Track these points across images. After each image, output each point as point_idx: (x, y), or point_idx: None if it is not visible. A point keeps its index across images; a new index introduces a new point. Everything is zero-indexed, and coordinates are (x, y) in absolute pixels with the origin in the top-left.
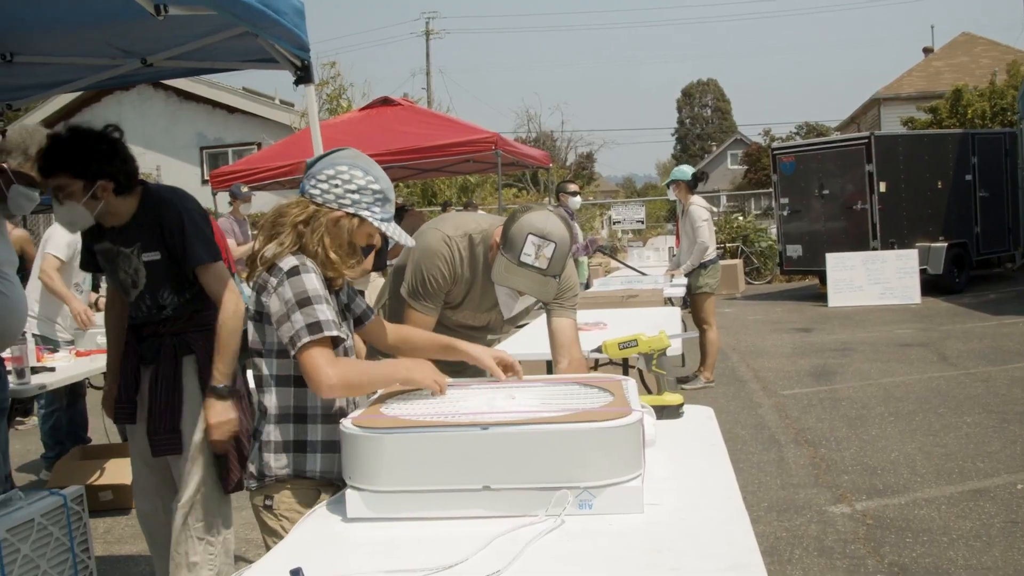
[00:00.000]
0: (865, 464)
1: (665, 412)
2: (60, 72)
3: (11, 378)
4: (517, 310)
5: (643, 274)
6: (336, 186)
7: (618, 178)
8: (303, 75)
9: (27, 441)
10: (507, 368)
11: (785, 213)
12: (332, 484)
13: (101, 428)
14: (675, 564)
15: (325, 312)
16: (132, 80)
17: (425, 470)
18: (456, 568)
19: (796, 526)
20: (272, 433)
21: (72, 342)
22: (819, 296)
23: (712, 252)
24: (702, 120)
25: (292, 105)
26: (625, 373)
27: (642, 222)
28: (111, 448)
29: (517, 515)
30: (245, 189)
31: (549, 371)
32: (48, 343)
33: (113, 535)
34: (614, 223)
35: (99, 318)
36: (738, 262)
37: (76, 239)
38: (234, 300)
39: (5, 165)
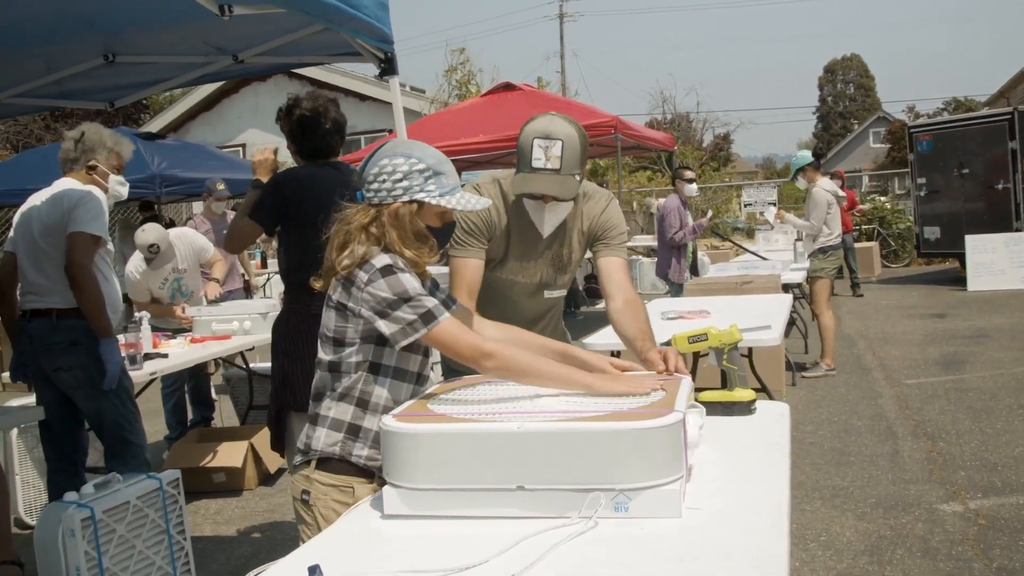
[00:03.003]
0: (985, 460)
1: (736, 408)
2: (159, 70)
3: (124, 364)
4: (554, 224)
5: (764, 259)
6: (384, 181)
7: (758, 158)
8: (387, 67)
9: (155, 422)
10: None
11: (922, 193)
12: (373, 475)
13: (219, 411)
14: (696, 574)
15: (429, 300)
16: (225, 76)
17: (460, 468)
18: (473, 570)
19: (902, 524)
20: (332, 409)
21: (185, 330)
22: (958, 280)
23: (834, 238)
24: (845, 97)
25: (423, 91)
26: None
27: (774, 204)
28: (227, 431)
29: (552, 516)
30: (221, 187)
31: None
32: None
33: (223, 516)
34: (745, 205)
35: (205, 311)
36: (874, 244)
37: (145, 285)
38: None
39: (95, 162)
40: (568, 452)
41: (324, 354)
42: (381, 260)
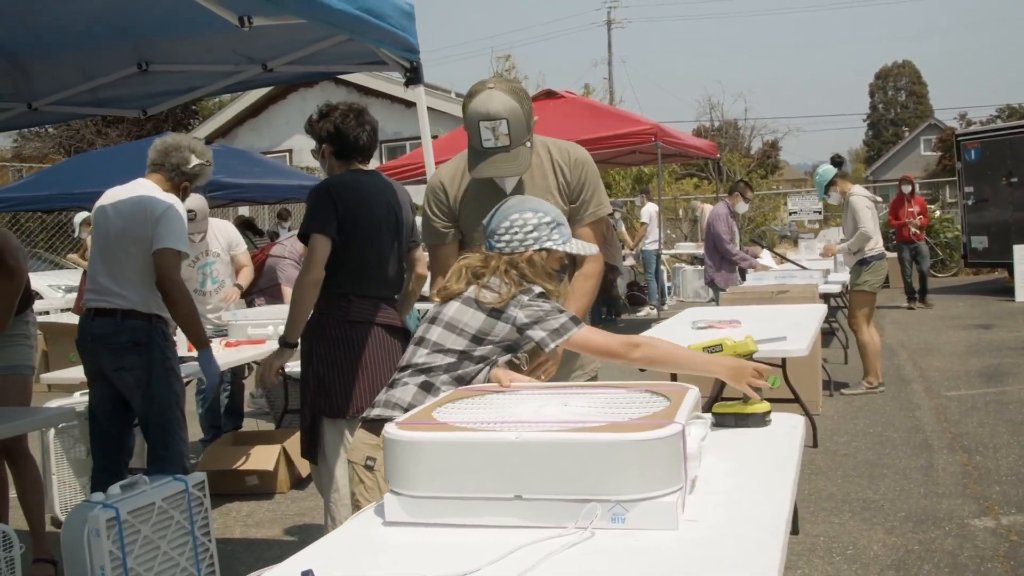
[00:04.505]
0: (1022, 474)
1: (750, 420)
2: (190, 79)
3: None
4: (514, 182)
5: (803, 268)
6: (516, 233)
7: (807, 165)
8: (412, 76)
9: (192, 424)
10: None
11: (970, 202)
12: None
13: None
14: None
15: (568, 311)
16: (254, 84)
17: (459, 477)
18: None
19: (931, 539)
20: (447, 385)
21: (223, 333)
22: (1006, 290)
23: (877, 247)
24: (896, 104)
25: None
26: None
27: (819, 212)
28: (260, 435)
29: (549, 526)
30: None
31: None
32: None
33: (254, 519)
34: (790, 214)
35: (241, 315)
36: None
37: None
38: (308, 270)
39: (188, 185)
40: (565, 462)
41: (454, 344)
42: (537, 288)
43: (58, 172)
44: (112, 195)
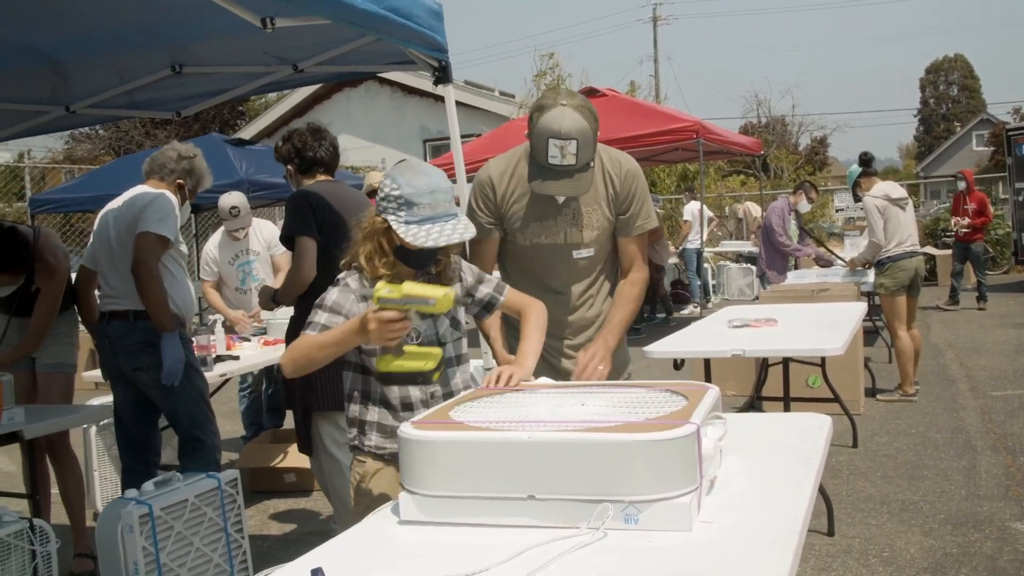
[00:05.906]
0: None
1: (417, 378)
2: (222, 81)
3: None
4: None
5: (844, 263)
6: (381, 194)
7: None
8: (441, 75)
9: (235, 421)
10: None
11: (1020, 198)
12: (383, 459)
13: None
14: None
15: (320, 316)
16: (286, 85)
17: (473, 476)
18: None
19: (970, 542)
20: (348, 409)
21: (263, 331)
22: None
23: (899, 248)
24: (948, 99)
25: (512, 96)
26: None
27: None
28: None
29: (562, 526)
30: None
31: (708, 371)
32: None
33: (290, 516)
34: (837, 210)
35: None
36: None
37: (213, 256)
38: (300, 269)
39: (183, 183)
40: (578, 462)
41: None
42: (341, 274)
43: (107, 173)
44: (113, 204)
